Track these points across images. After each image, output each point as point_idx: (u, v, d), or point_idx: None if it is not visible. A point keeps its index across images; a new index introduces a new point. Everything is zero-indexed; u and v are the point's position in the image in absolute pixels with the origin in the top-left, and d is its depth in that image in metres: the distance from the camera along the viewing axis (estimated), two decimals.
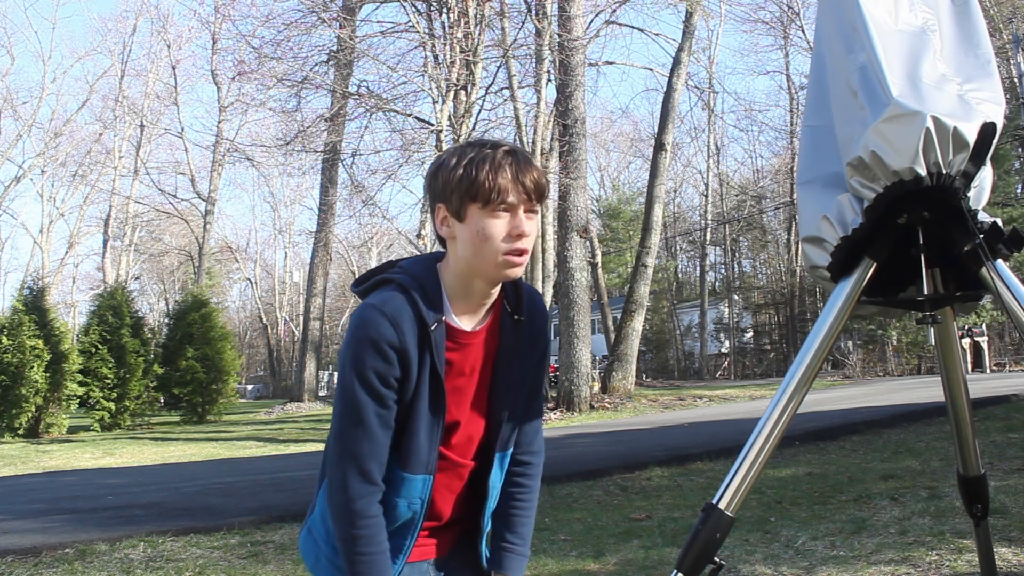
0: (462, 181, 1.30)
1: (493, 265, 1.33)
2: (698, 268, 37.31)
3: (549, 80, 14.94)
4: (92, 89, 33.02)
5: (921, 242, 1.64)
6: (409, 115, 14.17)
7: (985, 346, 18.86)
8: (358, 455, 1.33)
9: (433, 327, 1.34)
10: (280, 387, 40.56)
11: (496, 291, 1.40)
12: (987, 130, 1.53)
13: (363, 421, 1.32)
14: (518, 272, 1.35)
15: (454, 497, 1.48)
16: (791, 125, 30.64)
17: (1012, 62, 19.78)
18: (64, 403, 16.73)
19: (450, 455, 1.43)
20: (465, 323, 1.40)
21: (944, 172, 1.53)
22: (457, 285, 1.38)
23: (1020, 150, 22.28)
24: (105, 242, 32.10)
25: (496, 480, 1.49)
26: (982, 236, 1.57)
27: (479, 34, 13.20)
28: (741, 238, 37.19)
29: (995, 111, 1.56)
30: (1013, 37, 19.87)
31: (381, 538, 1.34)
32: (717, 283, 39.16)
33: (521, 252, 1.32)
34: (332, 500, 1.35)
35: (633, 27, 18.78)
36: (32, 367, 15.53)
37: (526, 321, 1.45)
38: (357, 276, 1.39)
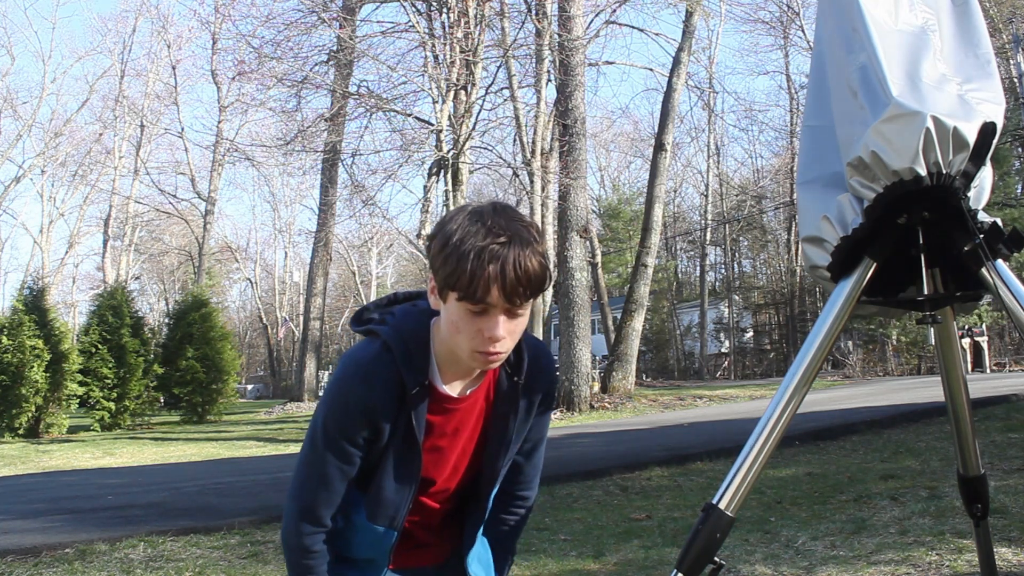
0: (446, 263, 1.18)
1: (465, 357, 1.24)
2: (698, 268, 37.31)
3: (549, 80, 14.95)
4: (92, 89, 33.14)
5: (921, 242, 1.63)
6: (409, 115, 14.17)
7: (985, 346, 18.85)
8: (312, 500, 1.35)
9: (414, 391, 1.29)
10: (280, 387, 40.56)
11: None
12: (987, 130, 1.52)
13: (324, 472, 1.33)
14: (492, 366, 1.28)
15: (429, 532, 1.49)
16: (791, 125, 30.65)
17: (1012, 62, 19.76)
18: (64, 403, 16.73)
19: (425, 501, 1.43)
20: (454, 387, 1.34)
21: (944, 172, 1.52)
22: (444, 352, 1.31)
23: (1020, 150, 22.27)
24: (105, 242, 32.14)
25: (474, 526, 1.48)
26: (982, 236, 1.57)
27: (479, 34, 13.19)
28: (741, 238, 37.20)
29: (995, 111, 1.56)
30: (1013, 37, 19.85)
31: (322, 569, 1.39)
32: (717, 283, 39.14)
33: (492, 352, 1.22)
34: (283, 528, 1.39)
35: (633, 27, 18.81)
36: (32, 367, 15.53)
37: (525, 384, 1.38)
38: (356, 310, 1.34)
